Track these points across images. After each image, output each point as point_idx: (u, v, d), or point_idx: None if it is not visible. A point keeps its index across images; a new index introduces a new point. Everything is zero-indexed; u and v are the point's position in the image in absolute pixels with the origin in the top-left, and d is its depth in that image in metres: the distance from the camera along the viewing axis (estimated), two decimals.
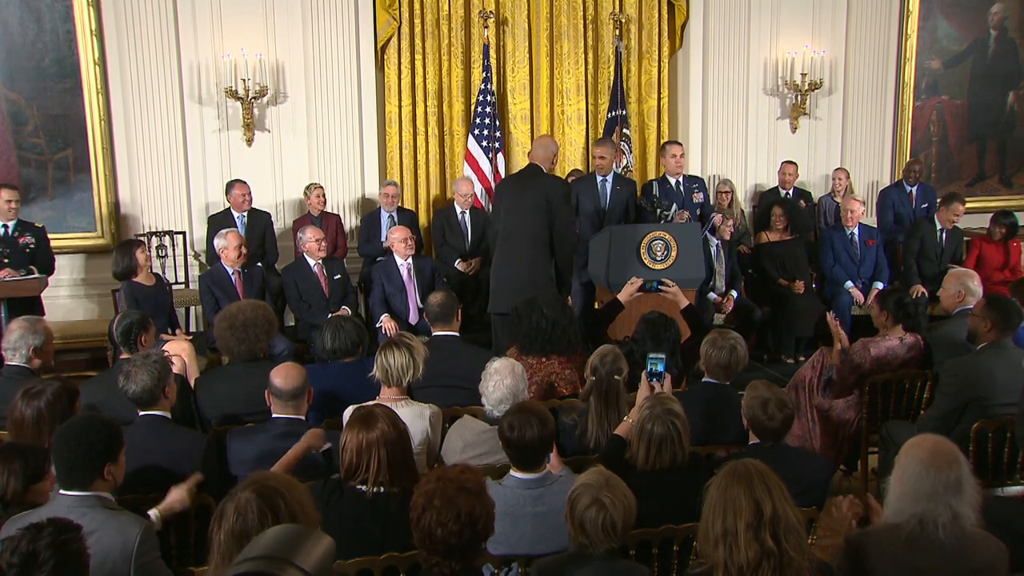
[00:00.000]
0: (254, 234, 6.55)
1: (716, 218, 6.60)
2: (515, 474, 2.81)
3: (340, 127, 7.18)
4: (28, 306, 5.37)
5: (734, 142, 8.00)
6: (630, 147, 7.62)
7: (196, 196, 7.02)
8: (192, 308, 6.88)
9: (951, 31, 8.40)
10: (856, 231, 6.72)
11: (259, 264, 6.14)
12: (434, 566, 2.21)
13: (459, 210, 7.02)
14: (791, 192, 7.63)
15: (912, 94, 8.33)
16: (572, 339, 4.16)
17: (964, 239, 7.17)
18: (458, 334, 4.41)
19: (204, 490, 3.03)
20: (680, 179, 6.89)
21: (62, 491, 2.57)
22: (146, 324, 4.09)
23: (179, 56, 6.80)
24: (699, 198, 7.00)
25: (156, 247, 6.78)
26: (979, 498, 2.36)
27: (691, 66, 7.94)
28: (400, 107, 7.46)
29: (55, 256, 6.07)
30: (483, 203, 7.25)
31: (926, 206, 7.60)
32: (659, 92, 8.03)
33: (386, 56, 7.42)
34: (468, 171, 7.37)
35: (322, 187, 6.92)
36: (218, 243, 5.71)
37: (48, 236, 6.02)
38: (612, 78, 7.72)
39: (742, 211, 7.85)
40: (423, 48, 7.46)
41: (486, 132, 7.33)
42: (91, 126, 6.66)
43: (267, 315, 4.01)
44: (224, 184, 6.73)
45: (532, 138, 7.60)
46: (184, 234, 6.93)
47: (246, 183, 6.62)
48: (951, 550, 2.30)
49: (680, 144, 7.07)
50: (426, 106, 7.53)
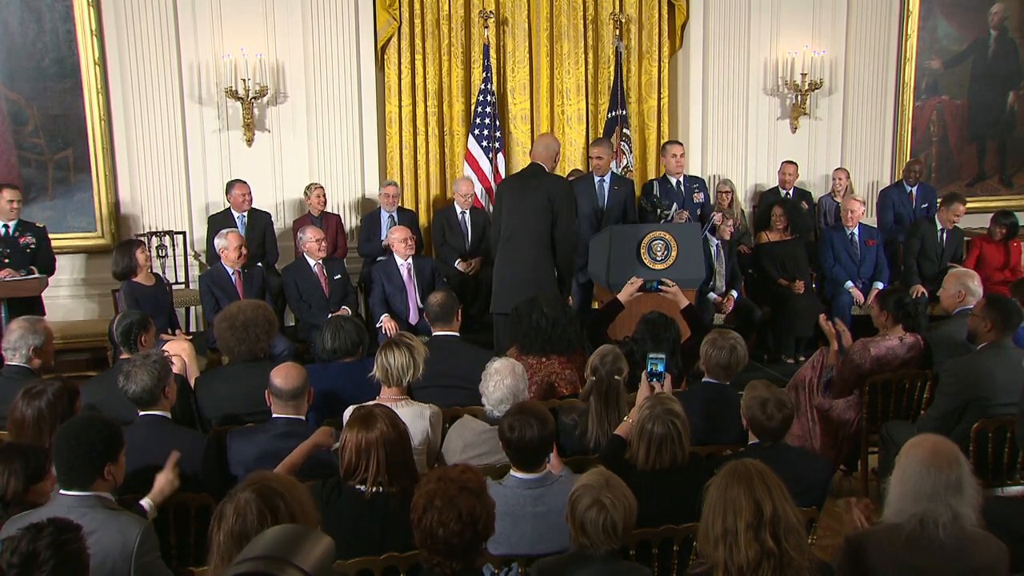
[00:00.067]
0: (254, 234, 6.55)
1: (716, 217, 6.60)
2: (515, 474, 2.81)
3: (340, 127, 7.18)
4: (28, 306, 5.36)
5: (734, 142, 8.00)
6: (630, 147, 7.61)
7: (196, 196, 7.02)
8: (192, 308, 6.88)
9: (951, 31, 8.40)
10: (856, 231, 6.73)
11: (259, 264, 6.14)
12: (435, 566, 2.21)
13: (459, 210, 7.02)
14: (791, 192, 7.63)
15: (912, 94, 8.33)
16: (572, 339, 4.16)
17: (964, 239, 7.17)
18: (458, 334, 4.40)
19: (204, 490, 3.03)
20: (681, 179, 6.89)
21: (62, 491, 2.57)
22: (146, 324, 4.10)
23: (179, 56, 6.81)
24: (700, 198, 7.01)
25: (156, 247, 6.78)
26: (979, 498, 2.37)
27: (691, 66, 7.94)
28: (400, 107, 7.46)
29: (56, 256, 6.07)
30: (483, 203, 7.25)
31: (926, 206, 7.60)
32: (659, 92, 8.03)
33: (386, 56, 7.42)
34: (468, 171, 7.37)
35: (322, 187, 6.92)
36: (218, 243, 5.71)
37: (49, 236, 6.02)
38: (612, 78, 7.72)
39: (742, 211, 7.85)
40: (423, 48, 7.46)
41: (486, 132, 7.33)
42: (91, 126, 6.66)
43: (267, 315, 4.02)
44: (224, 184, 6.74)
45: (532, 138, 7.60)
46: (184, 234, 6.93)
47: (246, 183, 6.63)
48: (951, 550, 2.30)
49: (681, 144, 7.08)
50: (426, 106, 7.53)
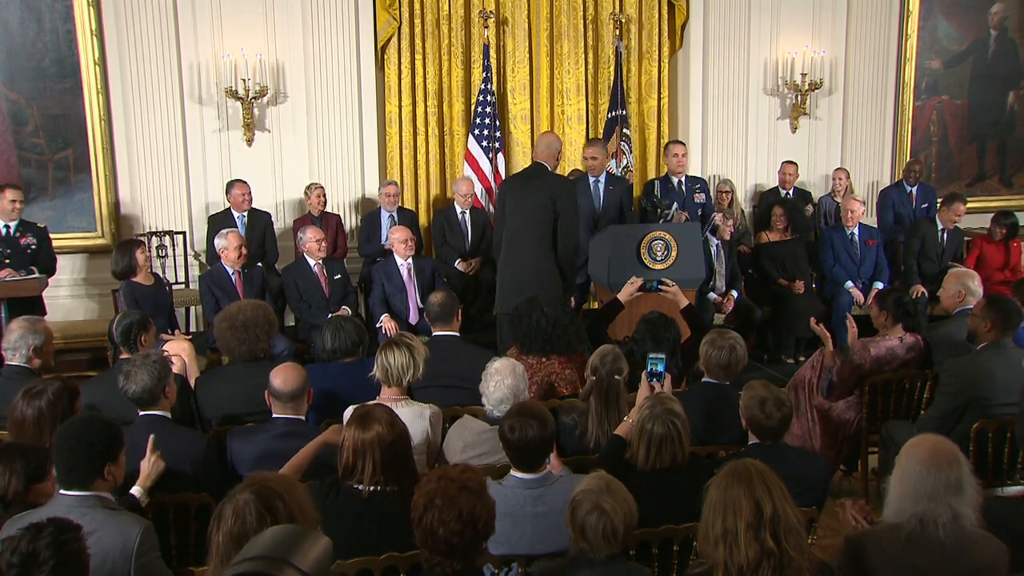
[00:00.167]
0: (254, 234, 6.55)
1: (717, 218, 6.59)
2: (515, 474, 2.81)
3: (340, 127, 7.18)
4: (28, 306, 5.36)
5: (734, 142, 8.00)
6: (630, 147, 7.61)
7: (196, 196, 7.02)
8: (192, 308, 6.88)
9: (951, 31, 8.40)
10: (856, 231, 6.72)
11: (259, 264, 6.14)
12: (436, 566, 2.21)
13: (459, 210, 7.02)
14: (791, 192, 7.63)
15: (912, 94, 8.32)
16: (572, 339, 4.15)
17: (964, 239, 7.17)
18: (458, 334, 4.40)
19: (204, 490, 3.03)
20: (683, 179, 6.89)
21: (62, 491, 2.57)
22: (146, 324, 4.10)
23: (179, 56, 6.80)
24: (701, 198, 7.02)
25: (156, 247, 6.77)
26: (979, 498, 2.37)
27: (691, 66, 7.94)
28: (400, 107, 7.45)
29: (56, 256, 6.07)
30: (483, 203, 7.25)
31: (926, 206, 7.60)
32: (659, 92, 8.02)
33: (386, 56, 7.42)
34: (468, 171, 7.37)
35: (322, 187, 6.92)
36: (218, 243, 5.71)
37: (50, 236, 6.02)
38: (612, 78, 7.71)
39: (742, 211, 7.85)
40: (423, 48, 7.46)
41: (486, 132, 7.33)
42: (91, 126, 6.66)
43: (267, 315, 4.02)
44: (224, 184, 6.73)
45: (532, 138, 7.60)
46: (184, 234, 6.93)
47: (246, 183, 6.62)
48: (951, 550, 2.30)
49: (683, 144, 7.08)
50: (426, 106, 7.52)
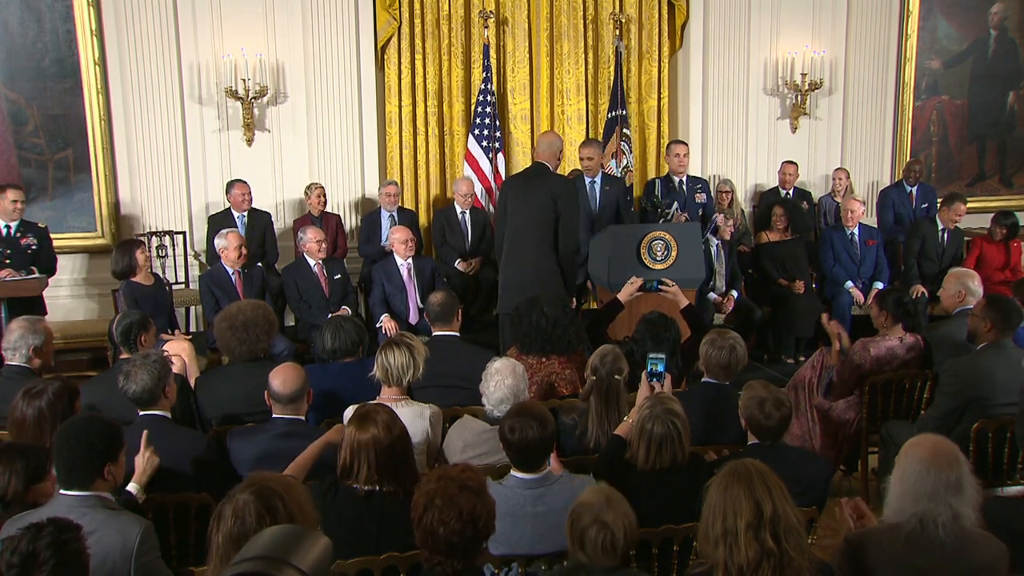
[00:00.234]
0: (254, 234, 6.55)
1: (719, 219, 6.59)
2: (515, 474, 2.81)
3: (340, 127, 7.18)
4: (29, 306, 5.36)
5: (734, 142, 8.00)
6: (630, 147, 7.61)
7: (196, 196, 7.02)
8: (192, 308, 6.88)
9: (951, 31, 8.40)
10: (856, 231, 6.72)
11: (259, 264, 6.14)
12: (436, 565, 2.21)
13: (459, 210, 7.02)
14: (791, 192, 7.63)
15: (912, 94, 8.32)
16: (572, 339, 4.15)
17: (965, 239, 7.17)
18: (458, 334, 4.40)
19: (204, 490, 3.03)
20: (684, 179, 6.89)
21: (62, 491, 2.57)
22: (146, 324, 4.10)
23: (179, 56, 6.80)
24: (702, 199, 7.01)
25: (156, 247, 6.77)
26: (979, 498, 2.37)
27: (691, 66, 7.94)
28: (400, 107, 7.45)
29: (57, 256, 6.07)
30: (483, 203, 7.25)
31: (926, 206, 7.60)
32: (659, 92, 8.02)
33: (386, 56, 7.42)
34: (468, 171, 7.36)
35: (322, 187, 6.91)
36: (218, 243, 5.71)
37: (51, 236, 6.01)
38: (612, 78, 7.71)
39: (742, 211, 7.85)
40: (423, 48, 7.46)
41: (486, 132, 7.33)
42: (91, 126, 6.66)
43: (267, 315, 4.02)
44: (224, 184, 6.73)
45: (532, 138, 7.61)
46: (184, 234, 6.93)
47: (246, 183, 6.62)
48: (951, 550, 2.30)
49: (685, 144, 7.08)
50: (426, 106, 7.52)
